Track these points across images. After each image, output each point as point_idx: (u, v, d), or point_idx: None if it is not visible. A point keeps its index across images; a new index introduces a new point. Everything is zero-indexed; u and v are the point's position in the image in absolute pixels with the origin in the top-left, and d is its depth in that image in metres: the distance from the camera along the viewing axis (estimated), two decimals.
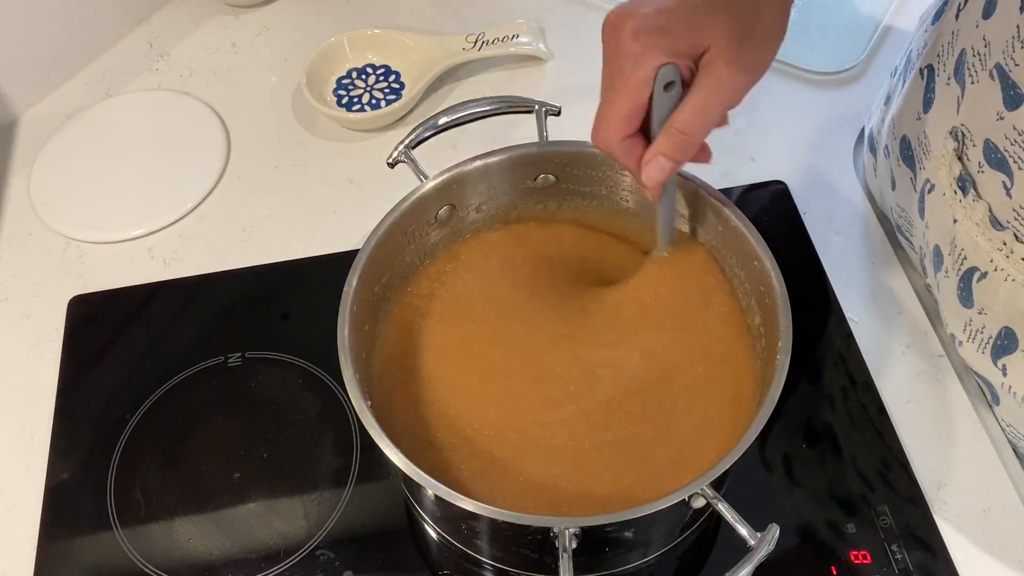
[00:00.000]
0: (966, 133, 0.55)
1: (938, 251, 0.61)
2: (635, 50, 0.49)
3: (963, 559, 0.60)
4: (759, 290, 0.57)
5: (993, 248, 0.55)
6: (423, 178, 0.61)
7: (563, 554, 0.48)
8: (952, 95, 0.57)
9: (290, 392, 0.69)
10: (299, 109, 0.87)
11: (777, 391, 0.50)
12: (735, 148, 0.82)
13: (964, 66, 0.55)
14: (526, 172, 0.63)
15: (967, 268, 0.58)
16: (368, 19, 0.93)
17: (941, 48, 0.59)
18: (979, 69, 0.53)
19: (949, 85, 0.58)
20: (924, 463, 0.64)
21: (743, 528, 0.47)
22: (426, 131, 0.62)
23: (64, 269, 0.77)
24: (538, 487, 0.55)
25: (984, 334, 0.59)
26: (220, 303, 0.74)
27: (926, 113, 0.61)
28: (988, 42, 0.52)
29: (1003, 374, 0.60)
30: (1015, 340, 0.57)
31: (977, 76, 0.54)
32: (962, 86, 0.56)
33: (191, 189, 0.81)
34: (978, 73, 0.53)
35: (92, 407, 0.69)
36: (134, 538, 0.63)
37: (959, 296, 0.60)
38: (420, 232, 0.62)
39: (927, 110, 0.61)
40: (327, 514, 0.63)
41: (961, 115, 0.56)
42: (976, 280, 0.57)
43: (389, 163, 0.62)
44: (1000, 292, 0.56)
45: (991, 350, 0.59)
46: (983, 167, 0.55)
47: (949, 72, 0.58)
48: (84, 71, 0.91)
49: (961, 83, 0.56)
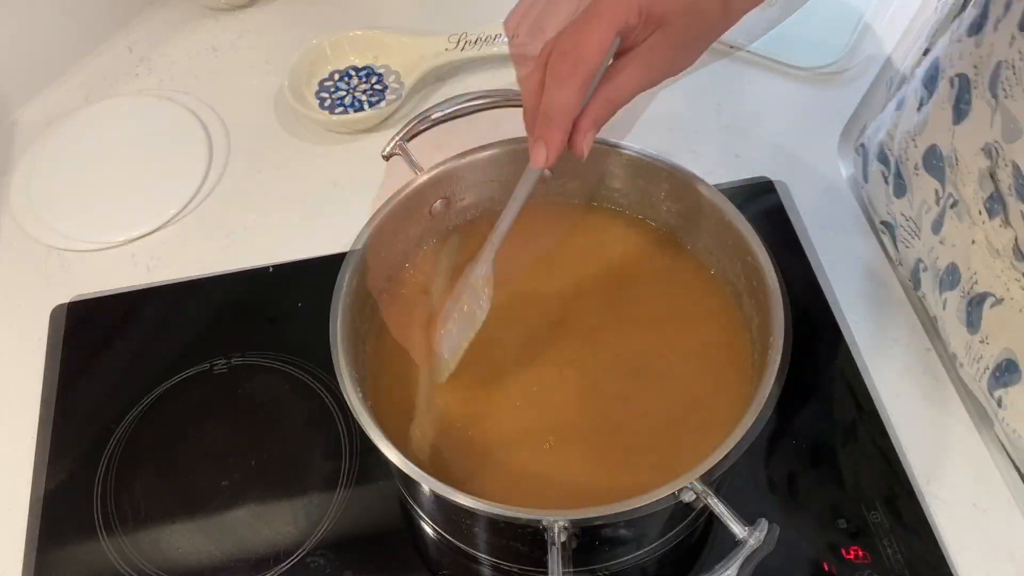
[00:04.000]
0: (999, 151, 0.53)
1: (953, 269, 0.60)
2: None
3: (955, 552, 0.60)
4: (752, 285, 0.57)
5: (1011, 279, 0.54)
6: (418, 171, 0.61)
7: (552, 548, 0.48)
8: (987, 109, 0.55)
9: (278, 397, 0.68)
10: (282, 112, 0.86)
11: (769, 387, 0.51)
12: (720, 144, 0.82)
13: (997, 79, 0.53)
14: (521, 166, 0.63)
15: (979, 293, 0.56)
16: (350, 20, 0.93)
17: (979, 59, 0.56)
18: (1014, 84, 0.51)
19: (983, 99, 0.55)
20: (915, 457, 0.64)
21: (733, 523, 0.47)
22: (421, 124, 0.62)
23: (47, 277, 0.76)
24: (531, 482, 0.55)
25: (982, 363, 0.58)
26: (205, 309, 0.74)
27: (957, 124, 0.58)
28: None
29: (998, 405, 0.59)
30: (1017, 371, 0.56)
31: (1012, 92, 0.52)
32: (996, 100, 0.54)
33: (174, 194, 0.81)
34: (1013, 88, 0.51)
35: (78, 417, 0.68)
36: (123, 547, 0.62)
37: (965, 319, 0.58)
38: (414, 225, 0.62)
39: (959, 121, 0.58)
40: (318, 519, 0.63)
41: (995, 131, 0.54)
42: (989, 306, 0.56)
43: (384, 155, 0.62)
44: (1014, 322, 0.54)
45: (988, 379, 0.59)
46: (1012, 191, 0.53)
47: (985, 84, 0.55)
48: (63, 77, 0.90)
49: (996, 97, 0.54)
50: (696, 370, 0.59)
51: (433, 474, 0.50)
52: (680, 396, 0.58)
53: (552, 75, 0.49)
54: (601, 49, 0.48)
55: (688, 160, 0.63)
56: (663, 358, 0.59)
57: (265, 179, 0.82)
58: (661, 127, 0.83)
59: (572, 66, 0.48)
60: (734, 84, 0.86)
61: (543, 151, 0.51)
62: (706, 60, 0.88)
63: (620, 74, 0.51)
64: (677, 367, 0.59)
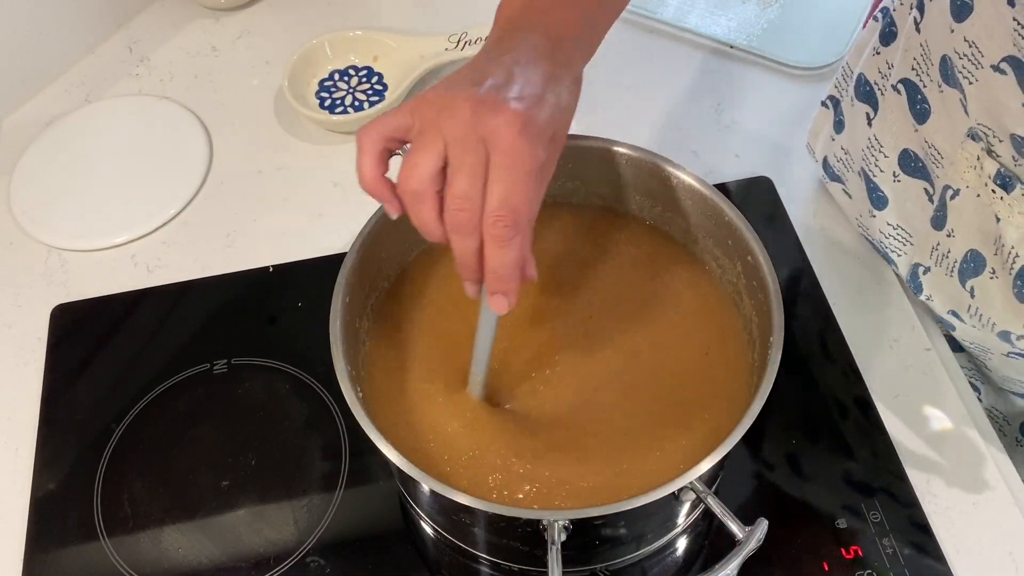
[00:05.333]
0: (987, 131, 0.55)
1: (975, 256, 0.60)
2: None
3: (953, 551, 0.60)
4: (752, 285, 0.57)
5: None
6: None
7: (552, 547, 0.48)
8: (952, 100, 0.56)
9: (277, 398, 0.68)
10: (281, 112, 0.87)
11: (768, 386, 0.51)
12: (719, 144, 0.82)
13: (951, 70, 0.55)
14: None
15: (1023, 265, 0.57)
16: (349, 20, 0.93)
17: (914, 62, 0.59)
18: (973, 69, 0.52)
19: (943, 92, 0.57)
20: (913, 457, 0.64)
21: (732, 523, 0.48)
22: None
23: (46, 278, 0.77)
24: (529, 481, 0.55)
25: None
26: (205, 309, 0.74)
27: (922, 124, 0.60)
28: (972, 42, 0.52)
29: None
30: None
31: (975, 76, 0.53)
32: (960, 89, 0.55)
33: (174, 195, 0.81)
34: (974, 73, 0.53)
35: (77, 417, 0.68)
36: (122, 548, 0.62)
37: (1017, 294, 0.58)
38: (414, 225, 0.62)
39: (923, 120, 0.60)
40: (317, 520, 0.63)
41: (973, 115, 0.55)
42: None
43: None
44: None
45: None
46: (1019, 161, 0.54)
47: (937, 80, 0.57)
48: (63, 77, 0.90)
49: (957, 87, 0.55)
50: (695, 370, 0.59)
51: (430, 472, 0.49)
52: (679, 396, 0.58)
53: (495, 241, 0.47)
54: (534, 203, 0.47)
55: (688, 160, 0.63)
56: (662, 358, 0.59)
57: (265, 179, 0.82)
58: (661, 127, 0.83)
59: (513, 229, 0.47)
60: (734, 84, 0.86)
61: (504, 300, 0.50)
62: (706, 60, 0.88)
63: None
64: (676, 367, 0.59)
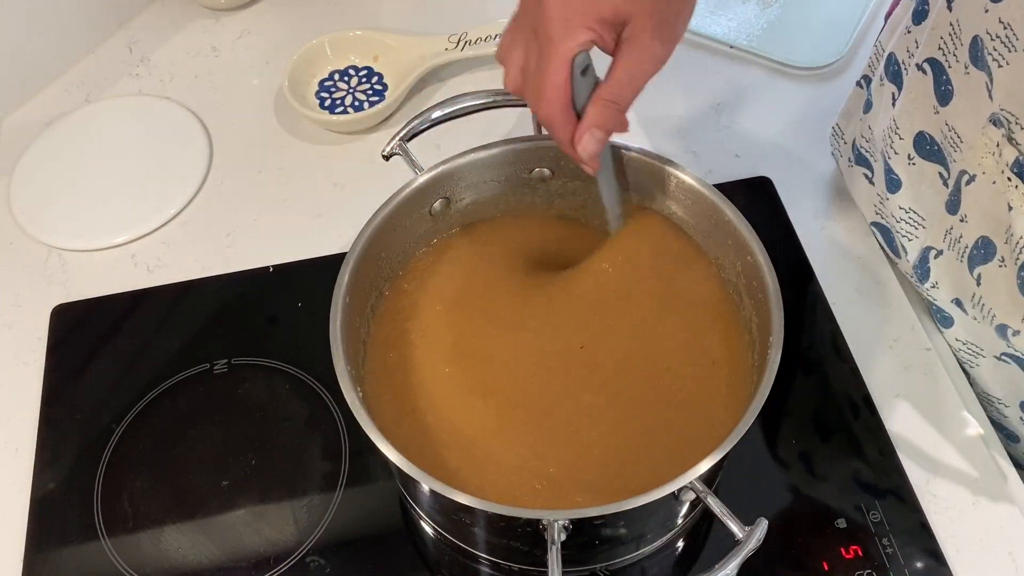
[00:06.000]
0: (1010, 118, 0.54)
1: (985, 243, 0.59)
2: (564, 15, 0.51)
3: (954, 551, 0.60)
4: (752, 285, 0.57)
5: None
6: (418, 170, 0.61)
7: (552, 546, 0.48)
8: (978, 82, 0.56)
9: (277, 398, 0.68)
10: (281, 112, 0.86)
11: (768, 386, 0.51)
12: (719, 144, 0.82)
13: (981, 52, 0.54)
14: (521, 165, 0.63)
15: None
16: (349, 20, 0.93)
17: (941, 41, 0.58)
18: (1005, 52, 0.52)
19: (969, 74, 0.56)
20: (913, 456, 0.64)
21: (732, 522, 0.47)
22: (421, 124, 0.62)
23: (47, 278, 0.77)
24: (529, 481, 0.55)
25: None
26: (205, 309, 0.74)
27: (944, 106, 0.59)
28: (1008, 23, 0.51)
29: None
30: None
31: (1006, 59, 0.52)
32: (987, 72, 0.54)
33: (174, 195, 0.81)
34: (1006, 56, 0.52)
35: (77, 417, 0.68)
36: (122, 548, 0.62)
37: (1021, 285, 0.58)
38: (414, 225, 0.62)
39: (945, 103, 0.59)
40: (317, 520, 0.63)
41: (998, 100, 0.54)
42: None
43: (384, 155, 0.62)
44: None
45: None
46: None
47: (964, 61, 0.56)
48: (63, 77, 0.90)
49: (985, 69, 0.54)
50: (695, 370, 0.59)
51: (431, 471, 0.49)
52: (679, 396, 0.58)
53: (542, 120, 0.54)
54: (561, 87, 0.53)
55: (688, 160, 0.63)
56: (662, 357, 0.59)
57: (265, 179, 0.82)
58: (661, 127, 0.83)
59: (547, 108, 0.53)
60: (734, 84, 0.86)
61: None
62: (706, 60, 0.88)
63: (609, 74, 0.53)
64: (676, 366, 0.59)
